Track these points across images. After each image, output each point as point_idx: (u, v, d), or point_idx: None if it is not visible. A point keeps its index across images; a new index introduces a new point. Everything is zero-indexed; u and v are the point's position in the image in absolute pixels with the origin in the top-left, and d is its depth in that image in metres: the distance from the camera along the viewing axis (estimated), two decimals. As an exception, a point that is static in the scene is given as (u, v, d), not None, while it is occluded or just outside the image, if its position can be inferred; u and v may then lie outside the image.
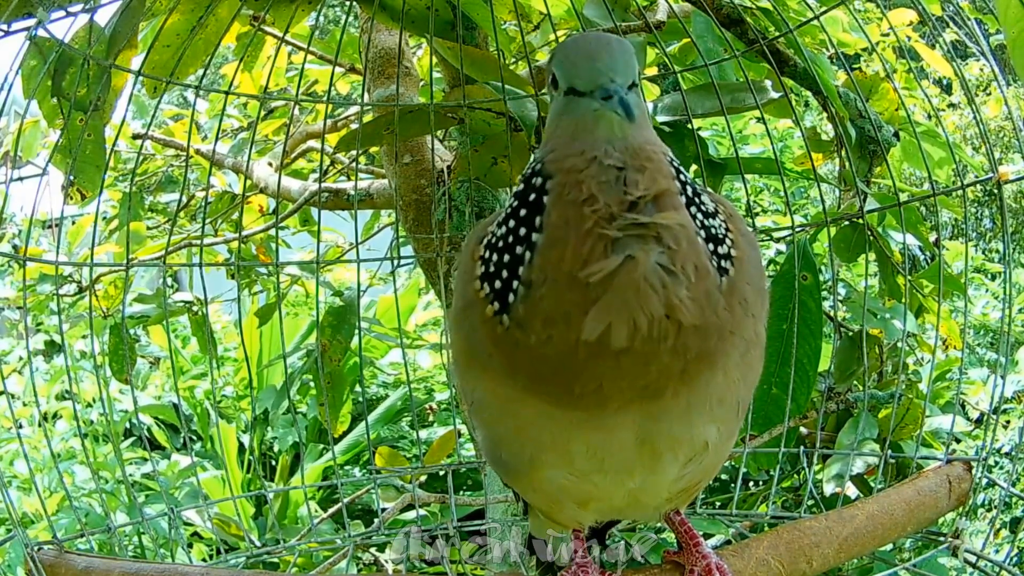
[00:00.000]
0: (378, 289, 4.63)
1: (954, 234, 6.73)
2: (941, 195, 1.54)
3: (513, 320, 0.87)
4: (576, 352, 0.84)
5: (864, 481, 2.09)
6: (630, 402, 0.88)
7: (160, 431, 5.28)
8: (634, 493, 0.99)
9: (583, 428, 0.91)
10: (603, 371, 0.85)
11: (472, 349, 0.96)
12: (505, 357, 0.90)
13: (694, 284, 0.84)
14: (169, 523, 1.57)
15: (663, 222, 0.84)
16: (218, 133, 3.46)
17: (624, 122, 0.84)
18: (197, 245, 2.72)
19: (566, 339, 0.84)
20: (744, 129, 4.63)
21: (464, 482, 4.39)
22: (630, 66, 0.87)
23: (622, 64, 0.86)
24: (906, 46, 2.92)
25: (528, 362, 0.88)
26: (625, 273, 0.82)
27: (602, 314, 0.82)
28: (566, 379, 0.87)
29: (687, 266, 0.84)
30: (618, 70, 0.85)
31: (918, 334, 2.39)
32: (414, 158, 2.13)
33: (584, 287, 0.83)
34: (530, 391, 0.90)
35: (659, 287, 0.83)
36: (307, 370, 2.48)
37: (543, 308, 0.85)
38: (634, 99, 0.86)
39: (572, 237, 0.83)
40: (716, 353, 0.88)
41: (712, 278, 0.87)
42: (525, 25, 2.09)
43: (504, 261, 0.89)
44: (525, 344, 0.87)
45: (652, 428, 0.91)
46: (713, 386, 0.91)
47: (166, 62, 1.51)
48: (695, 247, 0.85)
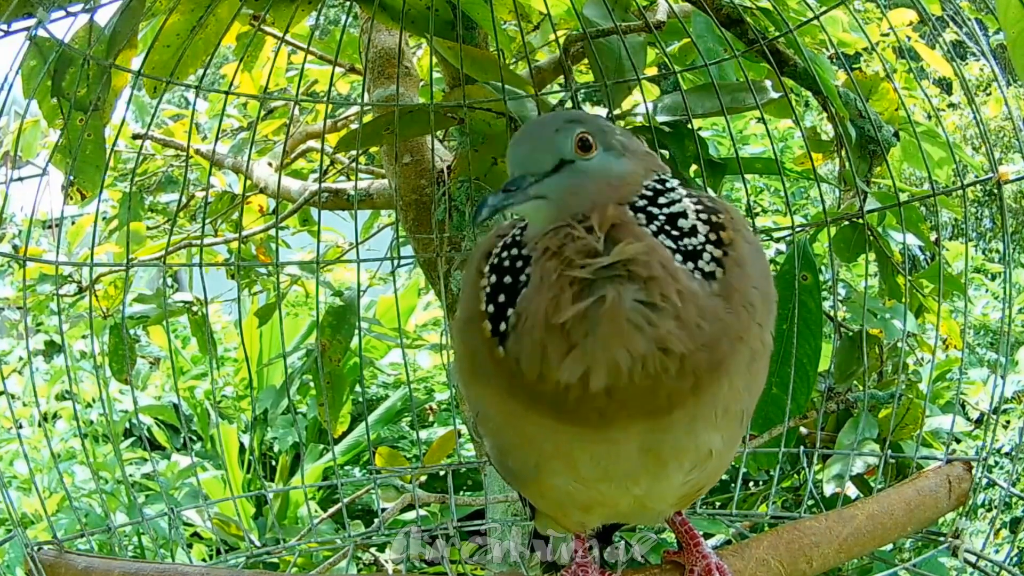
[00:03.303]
0: (378, 289, 4.63)
1: (954, 234, 6.73)
2: (941, 195, 1.54)
3: (508, 352, 0.90)
4: (567, 392, 0.86)
5: (864, 481, 2.09)
6: (635, 420, 0.88)
7: (160, 431, 5.28)
8: (640, 499, 1.00)
9: (587, 440, 0.92)
10: (599, 403, 0.86)
11: (475, 363, 0.97)
12: (505, 379, 0.91)
13: (683, 308, 0.85)
14: (169, 523, 1.57)
15: (626, 256, 0.85)
16: (218, 133, 3.46)
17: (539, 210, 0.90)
18: (197, 245, 2.72)
19: (553, 380, 0.86)
20: (744, 129, 4.63)
21: (464, 482, 4.39)
22: (546, 148, 0.92)
23: (528, 153, 0.93)
24: (906, 46, 2.92)
25: (525, 390, 0.89)
26: (605, 317, 0.84)
27: (579, 358, 0.84)
28: (566, 409, 0.88)
29: (668, 292, 0.85)
30: (520, 161, 0.92)
31: (918, 334, 2.39)
32: (414, 158, 2.12)
33: (564, 332, 0.85)
34: (533, 409, 0.91)
35: (644, 324, 0.84)
36: (307, 370, 2.48)
37: (525, 348, 0.88)
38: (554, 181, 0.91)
39: (547, 285, 0.87)
40: (727, 362, 0.88)
41: (701, 295, 0.87)
42: (525, 25, 2.09)
43: (503, 284, 0.92)
44: (521, 374, 0.89)
45: (657, 439, 0.92)
46: (719, 396, 0.91)
47: (166, 62, 1.51)
48: (670, 269, 0.86)
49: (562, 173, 0.91)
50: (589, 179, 0.91)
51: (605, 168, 0.93)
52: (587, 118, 0.96)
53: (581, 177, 0.91)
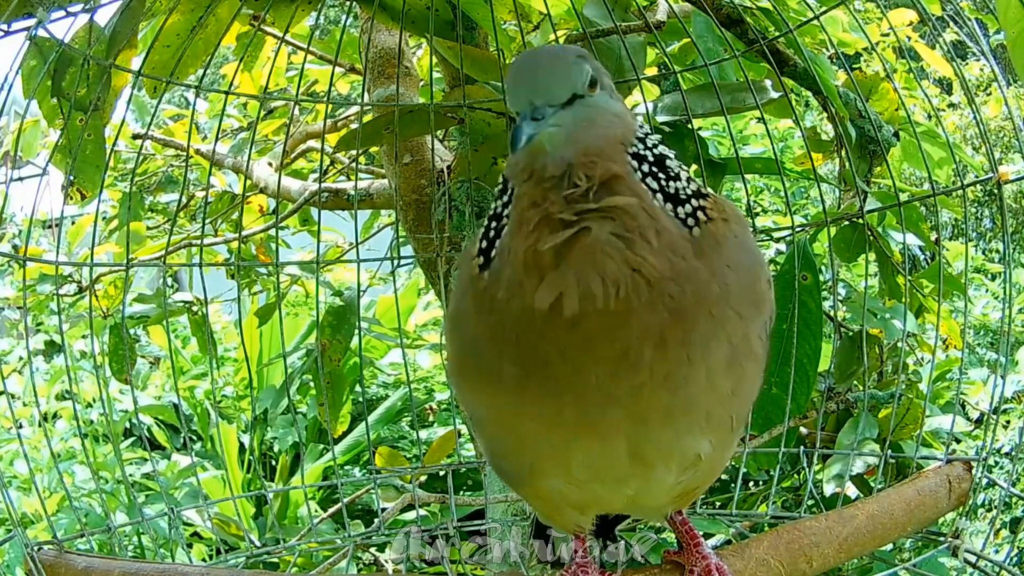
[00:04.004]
0: (378, 289, 4.63)
1: (954, 234, 6.73)
2: (941, 195, 1.54)
3: (490, 276, 0.92)
4: (534, 318, 0.87)
5: (864, 481, 2.09)
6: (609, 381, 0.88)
7: (160, 431, 5.28)
8: (633, 499, 1.01)
9: (578, 437, 0.92)
10: (565, 340, 0.87)
11: (463, 349, 0.98)
12: (486, 329, 0.92)
13: (657, 241, 0.87)
14: (169, 523, 1.57)
15: (613, 204, 0.87)
16: (218, 133, 3.46)
17: (555, 136, 0.88)
18: (197, 245, 2.72)
19: (525, 305, 0.87)
20: (744, 129, 4.63)
21: (464, 482, 4.39)
22: (563, 80, 0.91)
23: (546, 82, 0.90)
24: (906, 46, 2.92)
25: (502, 332, 0.90)
26: (580, 245, 0.86)
27: (553, 282, 0.86)
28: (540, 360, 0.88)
29: (646, 231, 0.87)
30: (539, 91, 0.90)
31: (918, 334, 2.39)
32: (414, 158, 2.12)
33: (541, 263, 0.87)
34: (520, 396, 0.92)
35: (616, 251, 0.86)
36: (307, 370, 2.48)
37: (505, 276, 0.90)
38: (569, 113, 0.90)
39: (525, 226, 0.88)
40: (693, 315, 0.88)
41: (676, 233, 0.89)
42: (525, 25, 2.09)
43: (492, 228, 0.95)
44: (497, 302, 0.90)
45: (639, 436, 0.92)
46: (695, 387, 0.90)
47: (166, 62, 1.51)
48: (653, 214, 0.88)
49: (575, 107, 0.91)
50: (599, 114, 0.93)
51: (608, 106, 0.95)
52: (589, 56, 0.97)
53: (592, 111, 0.92)
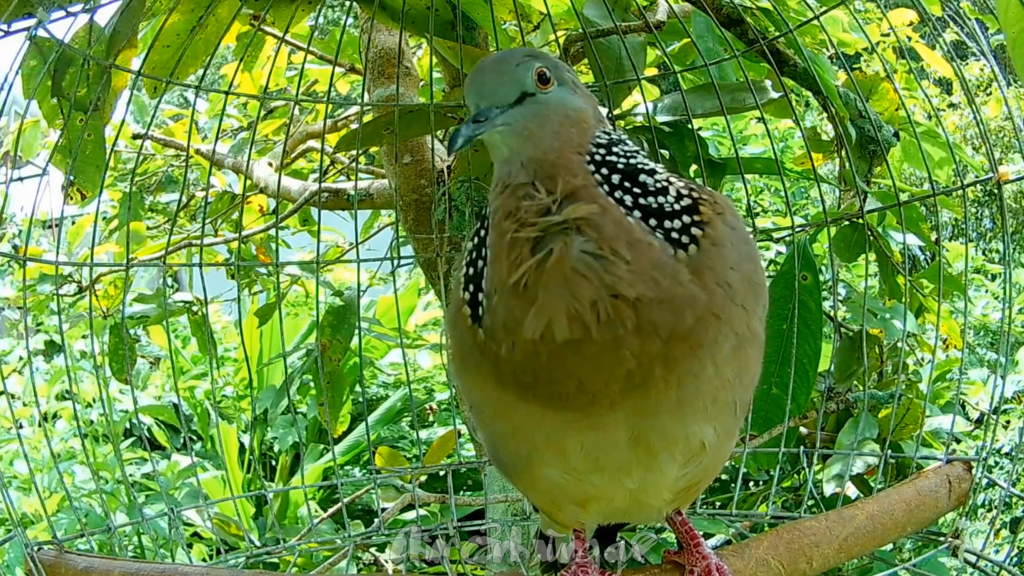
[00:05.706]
0: (378, 289, 4.63)
1: (954, 234, 6.73)
2: (941, 195, 1.54)
3: (485, 332, 0.92)
4: (537, 353, 0.87)
5: (864, 481, 2.09)
6: (620, 396, 0.88)
7: (160, 431, 5.28)
8: (634, 493, 1.00)
9: (576, 427, 0.93)
10: (572, 366, 0.87)
11: (464, 352, 0.98)
12: (491, 365, 0.93)
13: (634, 259, 0.86)
14: (169, 523, 1.57)
15: (575, 215, 0.87)
16: (218, 133, 3.46)
17: (505, 134, 0.91)
18: (197, 245, 2.72)
19: (524, 343, 0.87)
20: (744, 129, 4.63)
21: (464, 482, 4.39)
22: (508, 81, 0.93)
23: (492, 85, 0.93)
24: (906, 46, 2.92)
25: (510, 370, 0.91)
26: (551, 268, 0.86)
27: (540, 312, 0.86)
28: (548, 382, 0.88)
29: (617, 246, 0.87)
30: (485, 94, 0.93)
31: (918, 334, 2.39)
32: (414, 158, 2.12)
33: (524, 292, 0.87)
34: (522, 397, 0.92)
35: (589, 272, 0.85)
36: (307, 370, 2.48)
37: (498, 318, 0.90)
38: (518, 111, 0.92)
39: (504, 249, 0.89)
40: (698, 334, 0.88)
41: (658, 249, 0.88)
42: (525, 25, 2.09)
43: (472, 274, 0.95)
44: (499, 353, 0.90)
45: (644, 425, 0.92)
46: (704, 380, 0.90)
47: (166, 62, 1.51)
48: (622, 227, 0.88)
49: (525, 105, 0.93)
50: (551, 111, 0.94)
51: (563, 101, 0.96)
52: (541, 54, 0.99)
53: (543, 108, 0.94)
